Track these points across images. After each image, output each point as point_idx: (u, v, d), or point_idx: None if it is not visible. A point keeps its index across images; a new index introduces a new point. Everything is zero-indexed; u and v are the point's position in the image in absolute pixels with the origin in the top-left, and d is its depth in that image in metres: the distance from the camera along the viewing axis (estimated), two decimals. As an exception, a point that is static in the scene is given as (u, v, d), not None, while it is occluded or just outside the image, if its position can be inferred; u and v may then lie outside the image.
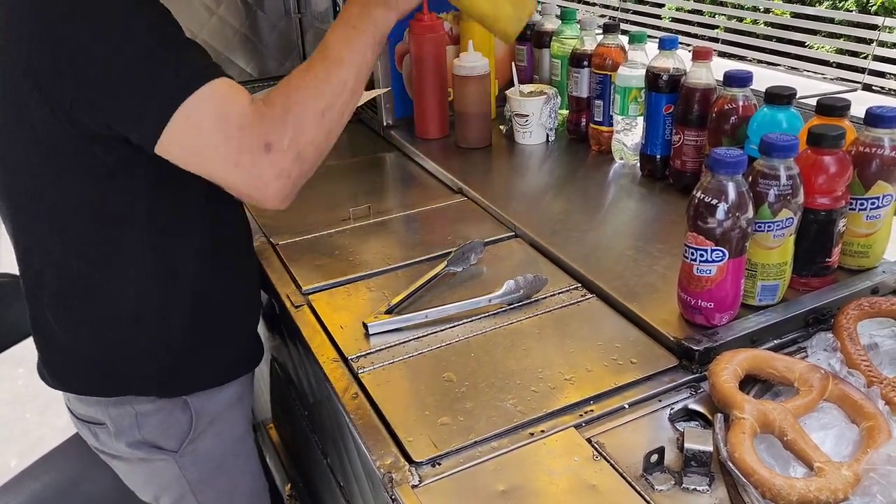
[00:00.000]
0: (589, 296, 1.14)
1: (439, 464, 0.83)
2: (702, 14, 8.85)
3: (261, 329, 1.48)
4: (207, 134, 0.87)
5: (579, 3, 10.54)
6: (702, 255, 0.95)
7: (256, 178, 0.88)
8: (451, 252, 1.23)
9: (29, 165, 0.97)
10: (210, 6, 2.30)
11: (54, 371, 1.12)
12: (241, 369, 1.20)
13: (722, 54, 7.86)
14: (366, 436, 0.89)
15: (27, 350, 1.24)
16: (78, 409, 1.15)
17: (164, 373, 1.09)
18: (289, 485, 1.68)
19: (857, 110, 1.11)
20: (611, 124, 1.59)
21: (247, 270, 1.20)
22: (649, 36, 1.54)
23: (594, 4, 10.33)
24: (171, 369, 1.09)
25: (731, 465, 0.76)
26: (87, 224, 0.99)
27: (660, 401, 0.91)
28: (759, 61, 7.96)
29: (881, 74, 6.65)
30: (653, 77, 1.40)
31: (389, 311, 1.10)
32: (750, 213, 0.93)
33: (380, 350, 1.04)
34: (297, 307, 1.15)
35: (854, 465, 0.75)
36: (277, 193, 0.90)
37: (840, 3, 7.70)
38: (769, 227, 0.97)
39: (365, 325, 1.06)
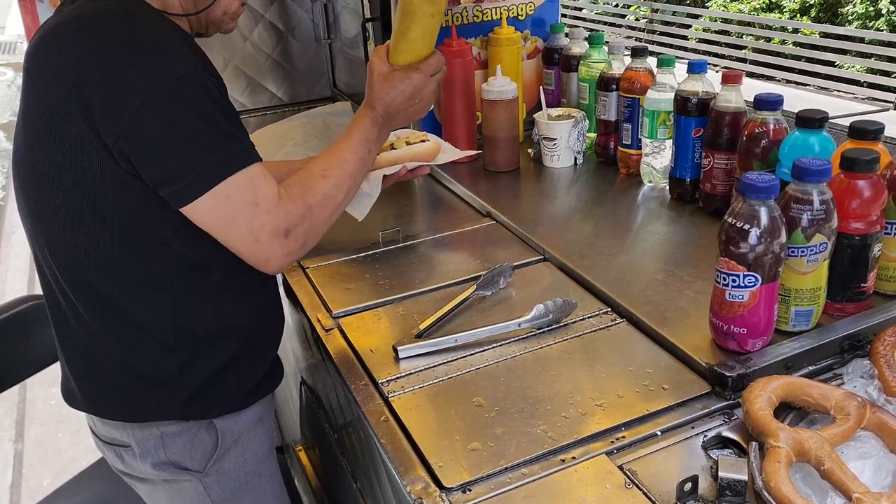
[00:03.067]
0: (619, 320, 1.13)
1: (470, 490, 0.83)
2: (729, 35, 8.83)
3: (293, 350, 1.49)
4: (240, 212, 0.99)
5: (605, 24, 10.59)
6: (734, 281, 0.94)
7: (268, 254, 1.02)
8: (480, 276, 1.23)
9: (66, 194, 0.99)
10: (243, 32, 2.35)
11: (80, 393, 1.13)
12: (262, 391, 1.21)
13: (750, 75, 7.82)
14: (396, 460, 0.89)
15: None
16: (103, 432, 1.16)
17: (188, 398, 1.10)
18: (317, 507, 1.68)
19: (890, 130, 1.10)
20: (639, 147, 1.58)
21: (270, 297, 1.21)
22: (677, 58, 1.54)
23: (620, 27, 10.36)
24: (194, 394, 1.10)
25: (766, 494, 0.75)
26: (121, 252, 1.01)
27: (693, 428, 0.90)
28: (788, 81, 7.91)
29: (914, 94, 6.58)
30: (682, 100, 1.39)
31: (419, 336, 1.10)
32: (783, 238, 0.93)
33: (409, 374, 1.04)
34: (327, 331, 1.16)
35: (894, 495, 0.73)
36: (278, 267, 1.06)
37: (870, 22, 7.64)
38: (802, 252, 0.96)
39: (395, 349, 1.07)
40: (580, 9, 11.33)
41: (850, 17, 7.90)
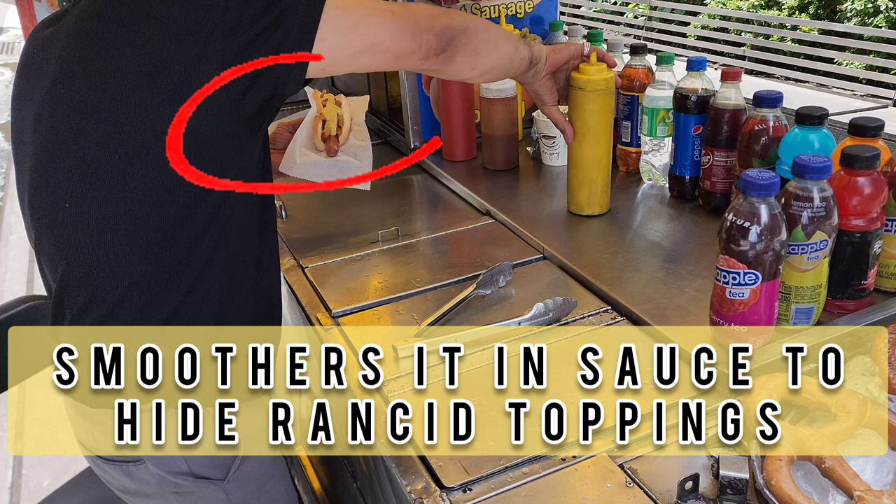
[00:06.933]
0: (619, 318, 1.13)
1: (470, 489, 0.83)
2: (728, 32, 8.82)
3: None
4: (357, 5, 0.98)
5: (604, 22, 10.59)
6: (734, 278, 0.94)
7: (412, 24, 1.01)
8: (480, 274, 1.23)
9: (104, 208, 0.95)
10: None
11: None
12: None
13: (749, 72, 7.82)
14: (396, 460, 0.88)
15: (61, 371, 1.24)
16: (111, 446, 1.09)
17: None
18: (317, 507, 1.68)
19: (890, 127, 1.10)
20: (639, 145, 1.58)
21: (276, 301, 1.20)
22: (676, 55, 1.54)
23: (619, 24, 10.36)
24: None
25: (767, 492, 0.75)
26: (153, 256, 0.97)
27: (693, 426, 0.90)
28: (787, 78, 7.91)
29: (913, 90, 6.57)
30: (681, 98, 1.39)
31: (419, 335, 1.10)
32: (783, 236, 0.92)
33: (409, 374, 1.03)
34: (327, 330, 1.16)
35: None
36: (430, 40, 1.03)
37: (869, 19, 7.63)
38: (803, 249, 0.96)
39: (395, 349, 1.07)
40: (578, 6, 11.32)
41: (848, 14, 7.90)
